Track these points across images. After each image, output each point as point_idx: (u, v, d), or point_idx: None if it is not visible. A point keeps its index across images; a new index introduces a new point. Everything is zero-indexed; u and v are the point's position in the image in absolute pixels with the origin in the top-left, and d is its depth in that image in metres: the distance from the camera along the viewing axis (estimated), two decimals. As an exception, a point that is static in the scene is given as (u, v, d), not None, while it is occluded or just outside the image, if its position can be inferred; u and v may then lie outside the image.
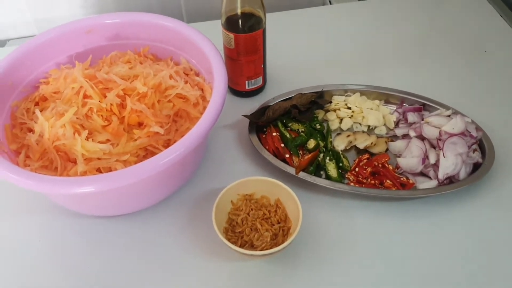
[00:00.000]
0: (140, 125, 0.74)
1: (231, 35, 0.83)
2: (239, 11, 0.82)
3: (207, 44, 0.79)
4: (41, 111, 0.76)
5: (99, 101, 0.72)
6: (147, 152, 0.72)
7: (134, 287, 0.68)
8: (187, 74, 0.82)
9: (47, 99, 0.79)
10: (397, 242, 0.72)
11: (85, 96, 0.73)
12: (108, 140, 0.70)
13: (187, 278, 0.69)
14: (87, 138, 0.69)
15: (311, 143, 0.81)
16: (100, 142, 0.70)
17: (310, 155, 0.79)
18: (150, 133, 0.72)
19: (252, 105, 0.90)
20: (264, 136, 0.83)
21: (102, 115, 0.72)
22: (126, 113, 0.72)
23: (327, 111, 0.89)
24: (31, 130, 0.76)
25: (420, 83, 0.95)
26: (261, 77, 0.91)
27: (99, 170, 0.69)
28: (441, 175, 0.76)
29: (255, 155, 0.83)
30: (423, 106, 0.87)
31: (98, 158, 0.69)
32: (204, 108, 0.76)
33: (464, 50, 1.04)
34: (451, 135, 0.77)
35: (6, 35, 1.17)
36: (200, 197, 0.78)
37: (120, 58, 0.83)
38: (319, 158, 0.80)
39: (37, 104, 0.80)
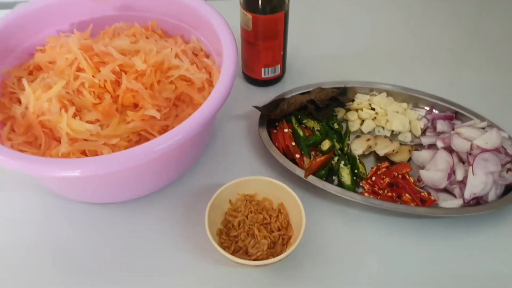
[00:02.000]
0: (135, 106, 0.66)
1: (249, 16, 0.75)
2: (260, -10, 0.74)
3: (220, 22, 0.71)
4: (32, 81, 0.70)
5: (92, 76, 0.65)
6: (141, 138, 0.65)
7: (115, 277, 0.61)
8: (196, 55, 0.75)
9: (41, 68, 0.73)
10: (410, 263, 0.63)
11: (79, 69, 0.66)
12: (97, 120, 0.63)
13: (172, 277, 0.62)
14: (74, 116, 0.62)
15: (326, 144, 0.72)
16: (88, 122, 0.63)
17: (322, 158, 0.71)
18: (145, 116, 0.64)
19: (267, 95, 0.82)
20: (275, 131, 0.75)
21: (94, 92, 0.65)
22: (120, 92, 0.65)
23: (348, 110, 0.80)
24: (20, 101, 0.69)
25: (454, 89, 0.85)
26: (279, 65, 0.83)
27: (84, 153, 0.62)
28: (468, 194, 0.67)
29: (263, 151, 0.75)
30: (455, 115, 0.78)
31: (85, 139, 0.62)
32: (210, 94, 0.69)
33: (508, 59, 0.93)
34: (484, 150, 0.68)
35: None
36: (198, 192, 0.71)
37: (125, 31, 0.75)
38: (333, 162, 0.72)
39: (30, 73, 0.73)
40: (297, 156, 0.71)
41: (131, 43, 0.69)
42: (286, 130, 0.74)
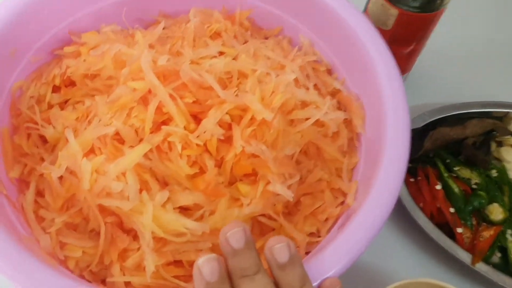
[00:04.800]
0: (247, 174, 0.41)
1: (395, 11, 0.50)
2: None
3: (356, 16, 0.45)
4: (63, 108, 0.44)
5: (184, 129, 0.39)
6: (253, 224, 0.41)
7: None
8: (315, 70, 0.49)
9: (75, 84, 0.46)
10: None
11: (158, 111, 0.40)
12: (197, 206, 0.39)
13: None
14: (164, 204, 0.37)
15: (496, 212, 0.51)
16: (181, 209, 0.38)
17: (492, 231, 0.50)
18: (268, 193, 0.40)
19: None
20: (413, 180, 0.53)
21: (188, 156, 0.39)
22: (230, 157, 0.39)
23: (499, 144, 0.58)
24: (46, 141, 0.43)
25: None
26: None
27: (178, 264, 0.38)
28: None
29: (400, 214, 0.53)
30: None
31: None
32: (352, 142, 0.45)
33: None
34: None
35: None
36: None
37: (204, 26, 0.48)
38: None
39: (57, 89, 0.46)
40: (459, 230, 0.50)
41: (230, 60, 0.43)
42: (438, 187, 0.51)
